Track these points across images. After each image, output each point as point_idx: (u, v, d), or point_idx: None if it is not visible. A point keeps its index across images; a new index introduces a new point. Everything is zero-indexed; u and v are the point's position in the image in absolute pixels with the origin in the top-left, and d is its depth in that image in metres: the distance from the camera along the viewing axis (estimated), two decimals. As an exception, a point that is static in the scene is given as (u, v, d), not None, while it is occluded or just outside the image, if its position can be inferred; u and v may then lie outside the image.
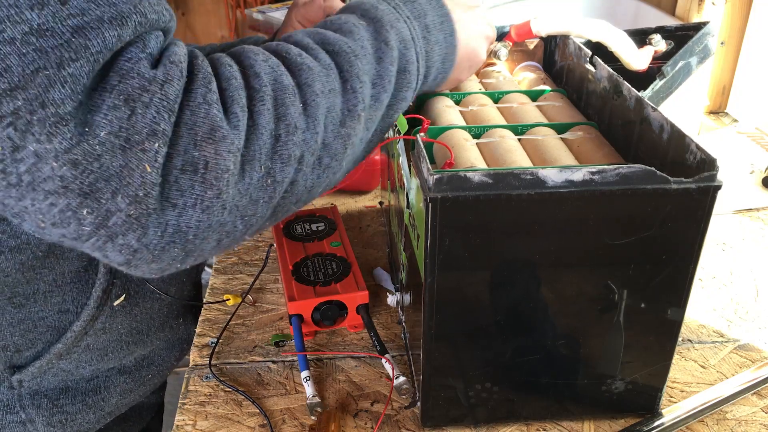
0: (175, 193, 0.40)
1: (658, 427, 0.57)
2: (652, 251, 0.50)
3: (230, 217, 0.43)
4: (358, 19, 0.52)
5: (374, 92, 0.50)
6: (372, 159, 0.94)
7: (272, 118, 0.43)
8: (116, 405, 0.73)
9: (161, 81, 0.39)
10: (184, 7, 2.38)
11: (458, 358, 0.54)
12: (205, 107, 0.41)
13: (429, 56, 0.56)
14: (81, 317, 0.63)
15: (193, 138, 0.40)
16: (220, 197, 0.41)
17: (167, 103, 0.39)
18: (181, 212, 0.40)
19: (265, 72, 0.45)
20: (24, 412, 0.65)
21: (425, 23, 0.55)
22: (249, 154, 0.42)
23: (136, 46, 0.39)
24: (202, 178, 0.40)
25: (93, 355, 0.67)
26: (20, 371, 0.64)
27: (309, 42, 0.49)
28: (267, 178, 0.44)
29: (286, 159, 0.44)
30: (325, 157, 0.48)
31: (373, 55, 0.50)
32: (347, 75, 0.48)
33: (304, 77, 0.46)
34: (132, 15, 0.39)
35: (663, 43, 0.81)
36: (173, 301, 0.73)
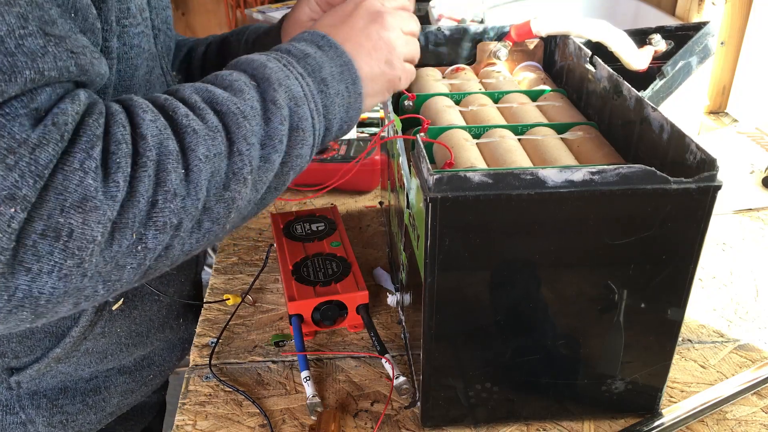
0: (31, 257, 0.38)
1: (658, 427, 0.57)
2: (652, 251, 0.50)
3: (90, 283, 0.41)
4: (248, 78, 0.50)
5: (264, 153, 0.48)
6: (372, 159, 0.94)
7: (152, 185, 0.42)
8: (117, 405, 0.73)
9: (33, 144, 0.37)
10: (184, 7, 2.38)
11: (458, 358, 0.54)
12: (80, 174, 0.39)
13: (328, 110, 0.53)
14: (80, 323, 0.63)
15: (61, 204, 0.38)
16: (81, 266, 0.39)
17: (35, 168, 0.37)
18: (35, 278, 0.38)
19: (152, 134, 0.43)
20: (24, 413, 0.65)
21: (321, 77, 0.53)
22: (121, 222, 0.40)
23: (19, 101, 0.38)
24: (64, 246, 0.38)
25: (92, 358, 0.67)
26: (18, 373, 0.63)
27: (197, 100, 0.47)
28: (138, 244, 0.42)
29: (161, 226, 0.42)
30: (206, 222, 0.46)
31: (262, 115, 0.48)
32: (234, 137, 0.46)
33: (189, 141, 0.44)
34: (25, 70, 0.37)
35: (663, 43, 0.81)
36: (172, 302, 0.73)
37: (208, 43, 0.83)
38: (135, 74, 0.57)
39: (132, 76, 0.56)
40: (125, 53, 0.55)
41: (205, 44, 0.83)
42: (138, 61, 0.56)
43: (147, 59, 0.59)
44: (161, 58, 0.66)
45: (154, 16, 0.62)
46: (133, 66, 0.56)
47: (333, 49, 0.55)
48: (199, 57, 0.83)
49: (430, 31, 0.81)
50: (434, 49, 0.82)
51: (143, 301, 0.68)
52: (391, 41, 0.58)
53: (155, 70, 0.63)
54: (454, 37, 0.81)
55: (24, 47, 0.38)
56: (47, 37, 0.39)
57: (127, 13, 0.53)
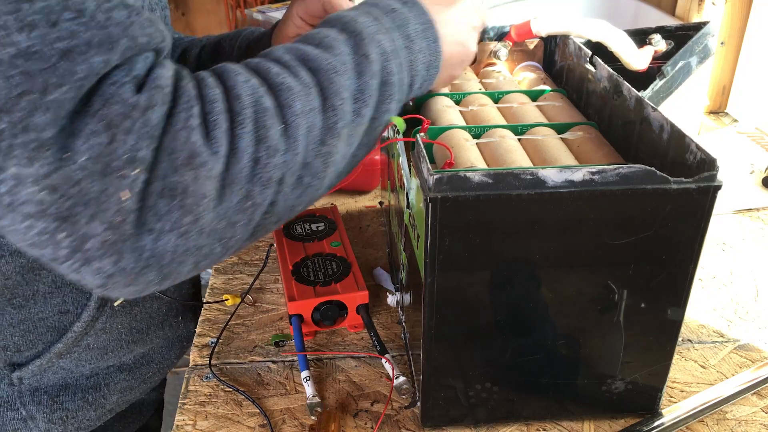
0: (153, 218, 0.39)
1: (658, 427, 0.57)
2: (652, 251, 0.50)
3: (208, 241, 0.42)
4: (338, 33, 0.51)
5: (355, 107, 0.49)
6: (372, 159, 0.94)
7: (252, 141, 0.43)
8: (117, 402, 0.73)
9: (144, 107, 0.39)
10: (184, 7, 2.38)
11: (458, 358, 0.54)
12: (185, 133, 0.40)
13: (412, 66, 0.55)
14: (81, 318, 0.63)
15: (173, 164, 0.39)
16: (197, 222, 0.41)
17: (148, 129, 0.39)
18: (158, 237, 0.40)
19: (246, 93, 0.44)
20: (24, 409, 0.65)
21: (407, 33, 0.54)
22: (228, 179, 0.42)
23: (122, 70, 0.39)
24: (181, 204, 0.40)
25: (93, 354, 0.67)
26: (20, 369, 0.64)
27: (289, 59, 0.48)
28: (246, 201, 0.43)
29: (265, 181, 0.43)
30: (306, 177, 0.47)
31: (354, 69, 0.49)
32: (327, 92, 0.47)
33: (284, 98, 0.45)
34: (121, 39, 0.39)
35: (663, 43, 0.81)
36: (172, 300, 0.73)
37: (202, 45, 0.83)
38: None
39: None
40: None
41: (200, 46, 0.83)
42: None
43: None
44: None
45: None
46: None
47: (416, 7, 0.56)
48: (193, 59, 0.83)
49: (430, 31, 0.81)
50: (434, 49, 0.82)
51: (144, 298, 0.68)
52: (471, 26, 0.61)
53: None
54: (454, 37, 0.81)
55: (113, 19, 0.39)
56: (129, 9, 0.40)
57: None
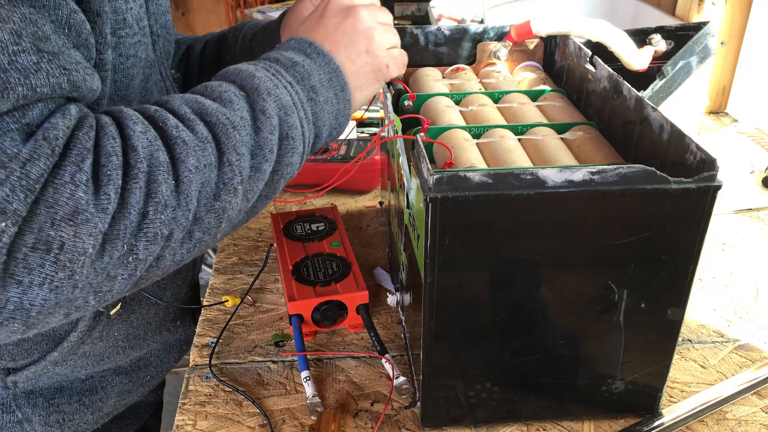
0: (22, 270, 0.38)
1: (658, 427, 0.57)
2: (652, 251, 0.50)
3: (82, 294, 0.41)
4: (236, 89, 0.50)
5: (254, 163, 0.48)
6: (372, 159, 0.94)
7: (143, 197, 0.42)
8: (114, 405, 0.73)
9: (24, 159, 0.38)
10: (184, 7, 2.38)
11: (458, 358, 0.54)
12: (71, 188, 0.39)
13: (318, 117, 0.54)
14: (78, 328, 0.63)
15: (52, 217, 0.38)
16: (72, 278, 0.40)
17: (26, 182, 0.37)
18: (26, 290, 0.38)
19: (143, 146, 0.43)
20: (20, 412, 0.65)
21: (310, 85, 0.53)
22: (112, 234, 0.41)
23: (11, 116, 0.38)
24: (55, 259, 0.39)
25: (89, 361, 0.67)
26: (14, 373, 0.63)
27: (187, 112, 0.47)
28: (129, 255, 0.42)
29: (152, 237, 0.42)
30: (197, 232, 0.46)
31: (252, 125, 0.49)
32: (224, 148, 0.46)
33: (179, 152, 0.44)
34: (17, 87, 0.38)
35: (663, 43, 0.81)
36: (170, 305, 0.73)
37: (206, 40, 0.83)
38: (131, 83, 0.57)
39: (128, 86, 0.56)
40: (121, 63, 0.54)
41: (203, 42, 0.83)
42: (134, 71, 0.56)
43: (144, 67, 0.59)
44: (160, 64, 0.65)
45: (153, 23, 0.61)
46: (129, 75, 0.56)
47: (321, 57, 0.55)
48: (197, 55, 0.83)
49: (430, 31, 0.81)
50: (434, 49, 0.82)
51: (141, 305, 0.68)
52: (367, 31, 0.58)
53: (153, 76, 0.63)
54: (454, 37, 0.81)
55: (17, 64, 0.38)
56: (40, 54, 0.39)
57: (123, 23, 0.53)
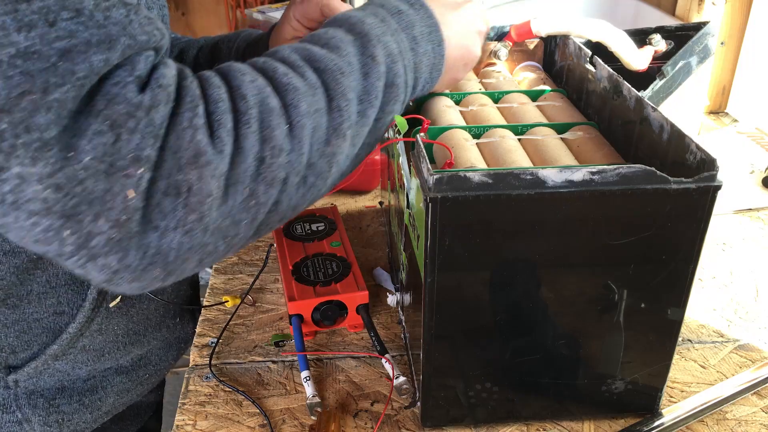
0: (158, 215, 0.39)
1: (658, 427, 0.57)
2: (652, 251, 0.50)
3: (212, 239, 0.43)
4: (345, 34, 0.51)
5: (360, 108, 0.50)
6: (372, 159, 0.94)
7: (257, 141, 0.43)
8: (113, 405, 0.73)
9: (147, 106, 0.39)
10: (184, 7, 2.38)
11: (458, 358, 0.54)
12: (190, 132, 0.40)
13: (417, 68, 0.55)
14: (77, 319, 0.63)
15: (178, 162, 0.40)
16: (202, 220, 0.41)
17: (152, 128, 0.39)
18: (163, 234, 0.40)
19: (252, 93, 0.44)
20: (20, 412, 0.65)
21: (413, 35, 0.55)
22: (233, 178, 0.42)
23: (124, 69, 0.39)
24: (185, 202, 0.40)
25: (89, 356, 0.67)
26: (16, 371, 0.63)
27: (296, 59, 0.48)
28: (250, 199, 0.43)
29: (270, 181, 0.44)
30: (310, 176, 0.47)
31: (360, 71, 0.50)
32: (333, 93, 0.47)
33: (290, 98, 0.45)
34: (120, 38, 0.39)
35: (663, 43, 0.81)
36: (170, 301, 0.73)
37: (199, 46, 0.83)
38: None
39: None
40: None
41: (197, 47, 0.83)
42: None
43: None
44: None
45: None
46: None
47: (423, 9, 0.57)
48: (190, 60, 0.83)
49: (430, 31, 0.81)
50: (434, 49, 0.82)
51: (141, 299, 0.68)
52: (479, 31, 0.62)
53: None
54: (454, 37, 0.81)
55: (112, 18, 0.39)
56: (127, 7, 0.40)
57: None
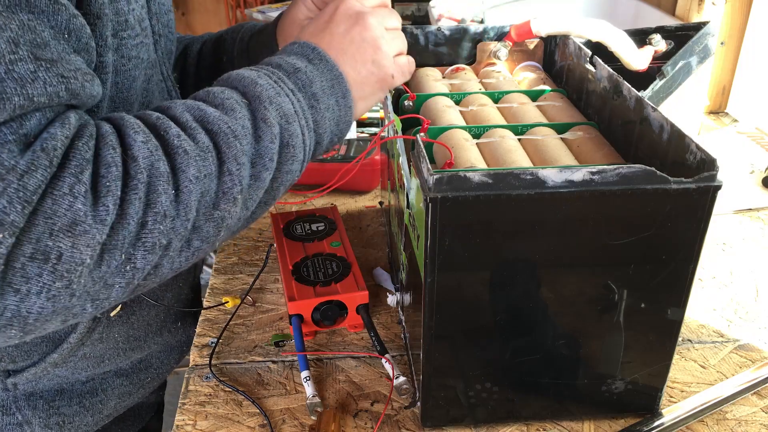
0: (20, 279, 0.38)
1: (658, 427, 0.57)
2: (652, 251, 0.50)
3: (79, 302, 0.41)
4: (239, 96, 0.50)
5: (254, 172, 0.48)
6: (372, 159, 0.94)
7: (142, 207, 0.42)
8: (114, 407, 0.73)
9: (22, 171, 0.38)
10: (184, 7, 2.38)
11: (458, 358, 0.54)
12: (69, 199, 0.39)
13: (319, 125, 0.53)
14: (78, 329, 0.62)
15: (50, 228, 0.38)
16: (69, 287, 0.40)
17: (23, 194, 0.38)
18: (24, 298, 0.39)
19: (143, 156, 0.43)
20: (20, 414, 0.65)
21: (312, 92, 0.53)
22: (110, 244, 0.41)
23: (8, 127, 0.38)
24: (53, 269, 0.39)
25: (89, 363, 0.67)
26: (15, 375, 0.63)
27: (189, 119, 0.47)
28: (127, 264, 0.42)
29: (149, 247, 0.42)
30: (195, 240, 0.46)
31: (253, 134, 0.48)
32: (225, 157, 0.46)
33: (179, 162, 0.44)
34: (14, 97, 0.38)
35: (663, 43, 0.81)
36: (170, 307, 0.73)
37: (203, 41, 0.83)
38: (133, 85, 0.56)
39: (130, 87, 0.56)
40: (122, 65, 0.54)
41: (201, 42, 0.83)
42: (136, 72, 0.56)
43: (146, 68, 0.58)
44: (161, 64, 0.65)
45: (155, 23, 0.61)
46: (130, 77, 0.56)
47: (323, 63, 0.55)
48: (194, 55, 0.83)
49: (430, 31, 0.81)
50: (434, 49, 0.82)
51: (141, 307, 0.68)
52: (375, 40, 0.57)
53: (154, 76, 0.63)
54: (454, 37, 0.81)
55: (14, 73, 0.38)
56: (38, 62, 0.39)
57: (125, 25, 0.53)
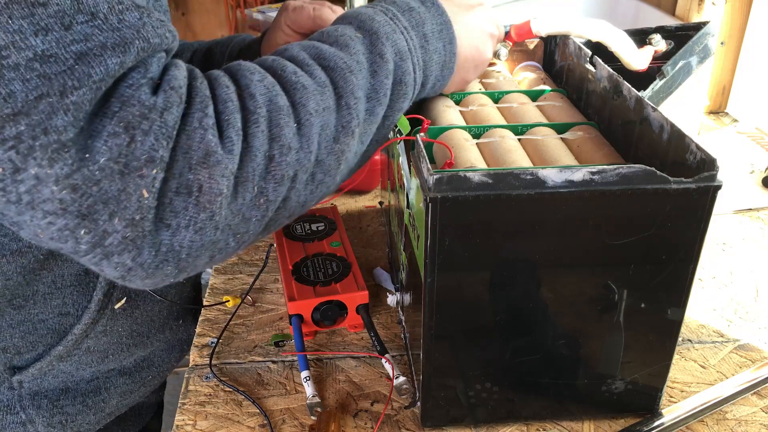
0: (170, 214, 0.40)
1: (658, 427, 0.57)
2: (652, 251, 0.50)
3: (222, 236, 0.43)
4: (354, 32, 0.51)
5: (369, 106, 0.50)
6: (372, 159, 0.94)
7: (266, 140, 0.44)
8: (116, 406, 0.73)
9: (161, 108, 0.40)
10: (184, 7, 2.38)
11: (458, 358, 0.54)
12: (200, 132, 0.41)
13: (427, 65, 0.55)
14: (82, 320, 0.63)
15: (189, 162, 0.40)
16: (212, 218, 0.42)
17: (165, 130, 0.39)
18: (175, 233, 0.41)
19: (261, 93, 0.45)
20: (24, 413, 0.65)
21: (423, 32, 0.55)
22: (242, 176, 0.43)
23: (137, 71, 0.40)
24: (196, 201, 0.41)
25: (93, 357, 0.67)
26: (20, 372, 0.64)
27: (305, 57, 0.49)
28: (260, 197, 0.44)
29: (279, 179, 0.44)
30: (319, 174, 0.48)
31: (368, 69, 0.50)
32: (342, 91, 0.48)
33: (299, 97, 0.46)
34: (135, 41, 0.39)
35: (663, 43, 0.81)
36: (173, 303, 0.73)
37: (193, 50, 0.83)
38: None
39: None
40: None
41: (191, 51, 0.83)
42: None
43: None
44: None
45: None
46: None
47: (435, 7, 0.57)
48: None
49: (430, 31, 0.81)
50: (434, 49, 0.82)
51: (145, 301, 0.68)
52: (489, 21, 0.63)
53: None
54: (454, 37, 0.81)
55: (126, 21, 0.39)
56: (140, 10, 0.41)
57: None
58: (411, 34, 0.54)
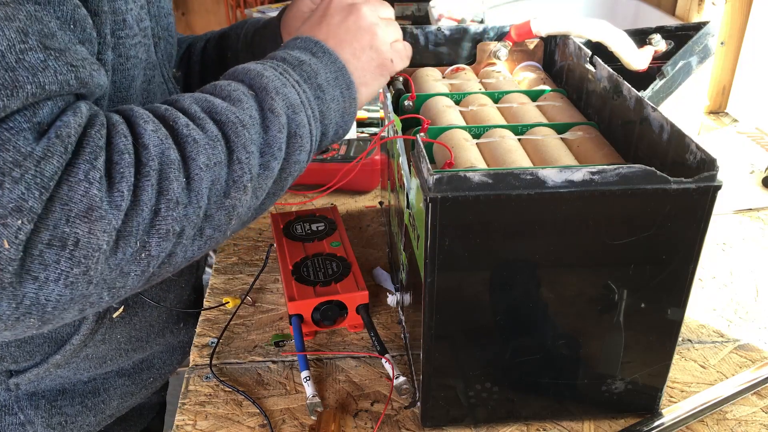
0: (38, 266, 0.39)
1: (658, 427, 0.57)
2: (652, 251, 0.50)
3: (96, 290, 0.42)
4: (245, 88, 0.51)
5: (263, 161, 0.49)
6: (372, 159, 0.94)
7: (154, 194, 0.42)
8: (116, 407, 0.73)
9: (38, 157, 0.38)
10: (184, 7, 2.38)
11: (458, 358, 0.54)
12: (84, 185, 0.39)
13: (324, 115, 0.54)
14: (80, 330, 0.62)
15: (67, 214, 0.39)
16: (87, 273, 0.40)
17: (40, 180, 0.38)
18: (42, 286, 0.39)
19: (154, 144, 0.43)
20: (22, 413, 0.65)
21: (317, 83, 0.54)
22: (126, 231, 0.41)
23: (22, 114, 0.38)
24: (70, 255, 0.39)
25: (91, 363, 0.67)
26: (17, 375, 0.63)
27: (197, 110, 0.47)
28: (141, 252, 0.42)
29: (164, 234, 0.43)
30: (208, 229, 0.47)
31: (261, 123, 0.49)
32: (234, 146, 0.47)
33: (189, 150, 0.45)
34: (26, 85, 0.38)
35: (663, 43, 0.81)
36: (172, 307, 0.73)
37: (207, 39, 0.84)
38: (132, 84, 0.57)
39: (129, 87, 0.56)
40: (121, 64, 0.54)
41: (204, 40, 0.83)
42: (135, 72, 0.56)
43: (145, 69, 0.59)
44: (162, 66, 0.65)
45: (155, 25, 0.61)
46: (129, 77, 0.56)
47: (327, 55, 0.56)
48: (198, 52, 0.83)
49: (430, 31, 0.81)
50: (434, 49, 0.82)
51: (144, 308, 0.68)
52: (370, 27, 0.60)
53: (155, 78, 0.63)
54: (454, 37, 0.81)
55: (24, 62, 0.38)
56: (47, 51, 0.39)
57: (123, 24, 0.53)
58: (304, 87, 0.53)
